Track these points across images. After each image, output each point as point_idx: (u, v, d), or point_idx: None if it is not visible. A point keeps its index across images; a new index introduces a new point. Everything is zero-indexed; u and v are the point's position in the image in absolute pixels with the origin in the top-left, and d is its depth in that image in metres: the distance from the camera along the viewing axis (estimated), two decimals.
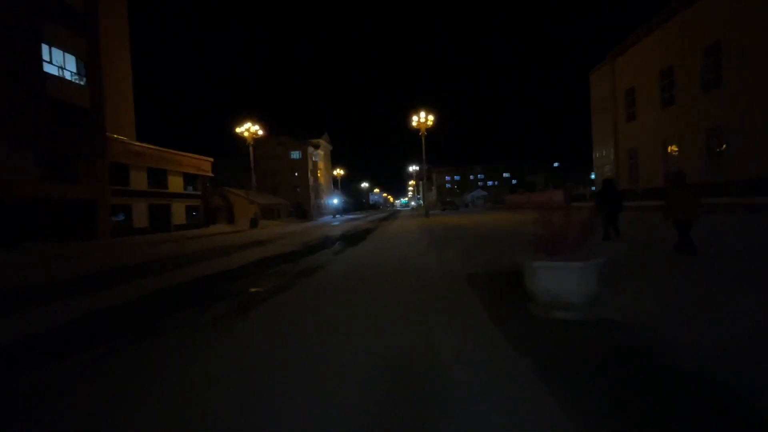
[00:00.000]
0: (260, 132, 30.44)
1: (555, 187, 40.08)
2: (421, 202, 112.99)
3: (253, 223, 29.56)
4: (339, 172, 66.21)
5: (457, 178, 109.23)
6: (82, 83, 19.51)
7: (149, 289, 6.17)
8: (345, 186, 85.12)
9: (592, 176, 69.22)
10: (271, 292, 5.40)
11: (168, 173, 27.44)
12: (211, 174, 32.61)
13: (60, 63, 18.36)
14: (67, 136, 18.46)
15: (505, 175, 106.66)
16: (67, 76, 18.75)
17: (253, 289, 5.70)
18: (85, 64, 19.49)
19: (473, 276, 5.51)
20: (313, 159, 64.29)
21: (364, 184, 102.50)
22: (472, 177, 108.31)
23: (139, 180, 24.48)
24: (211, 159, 32.30)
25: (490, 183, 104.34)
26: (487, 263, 6.40)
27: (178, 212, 28.50)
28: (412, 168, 63.54)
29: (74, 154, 18.98)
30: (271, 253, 10.70)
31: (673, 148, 19.33)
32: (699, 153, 17.41)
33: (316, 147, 65.52)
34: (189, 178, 30.20)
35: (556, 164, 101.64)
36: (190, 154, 29.72)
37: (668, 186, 5.69)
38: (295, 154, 60.89)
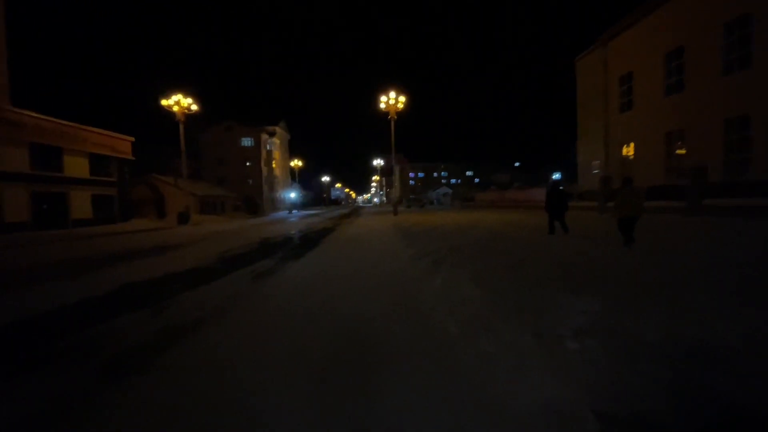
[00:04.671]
0: (194, 107, 24.75)
1: (528, 186, 37.95)
2: (384, 198, 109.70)
3: (183, 219, 24.04)
4: (297, 163, 60.42)
5: (421, 175, 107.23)
6: None
7: None
8: (304, 179, 79.40)
9: (556, 176, 69.67)
10: None
11: (64, 152, 21.12)
12: (131, 157, 26.34)
13: None
14: None
15: (468, 173, 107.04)
16: None
17: None
18: None
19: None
20: (268, 148, 58.12)
21: (325, 178, 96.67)
22: (435, 174, 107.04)
23: (14, 158, 18.22)
24: (131, 138, 26.02)
25: (453, 181, 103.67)
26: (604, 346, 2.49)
27: (81, 203, 22.30)
28: (377, 161, 59.17)
29: None
30: (147, 276, 6.20)
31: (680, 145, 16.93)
32: (714, 147, 14.99)
33: (272, 134, 59.29)
34: (100, 162, 23.97)
35: (517, 164, 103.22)
36: (100, 130, 23.43)
37: (619, 188, 6.23)
38: (247, 141, 54.47)
